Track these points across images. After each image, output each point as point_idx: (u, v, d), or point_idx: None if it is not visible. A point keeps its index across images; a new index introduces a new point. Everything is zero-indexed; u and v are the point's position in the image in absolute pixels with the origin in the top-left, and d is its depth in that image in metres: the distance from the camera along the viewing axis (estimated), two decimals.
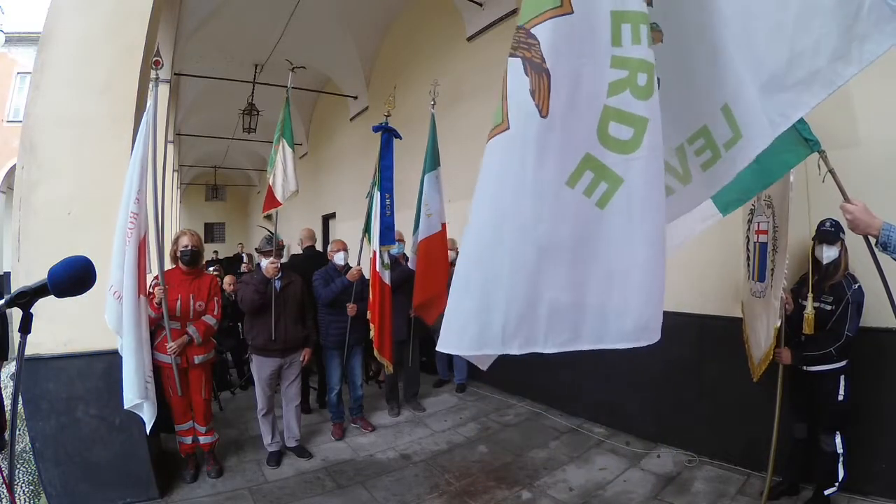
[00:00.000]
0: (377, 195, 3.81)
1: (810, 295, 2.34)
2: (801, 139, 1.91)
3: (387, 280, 3.77)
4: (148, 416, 2.54)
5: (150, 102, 2.69)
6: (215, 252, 14.20)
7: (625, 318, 1.35)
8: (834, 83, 1.22)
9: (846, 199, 1.61)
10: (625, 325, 1.36)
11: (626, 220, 1.34)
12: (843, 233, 2.36)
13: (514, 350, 1.33)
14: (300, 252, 4.87)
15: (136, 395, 2.44)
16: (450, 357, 4.83)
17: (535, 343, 1.34)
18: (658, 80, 1.49)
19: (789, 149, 1.93)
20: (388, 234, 3.82)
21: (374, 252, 3.76)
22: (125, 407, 2.48)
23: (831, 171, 1.74)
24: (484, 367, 1.79)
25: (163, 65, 2.78)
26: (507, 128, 1.32)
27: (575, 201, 1.34)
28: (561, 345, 1.37)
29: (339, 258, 3.82)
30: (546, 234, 1.32)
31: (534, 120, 1.30)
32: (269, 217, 3.73)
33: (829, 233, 2.37)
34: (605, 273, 1.36)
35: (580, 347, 1.39)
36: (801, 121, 1.90)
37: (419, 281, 4.04)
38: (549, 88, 1.30)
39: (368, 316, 3.73)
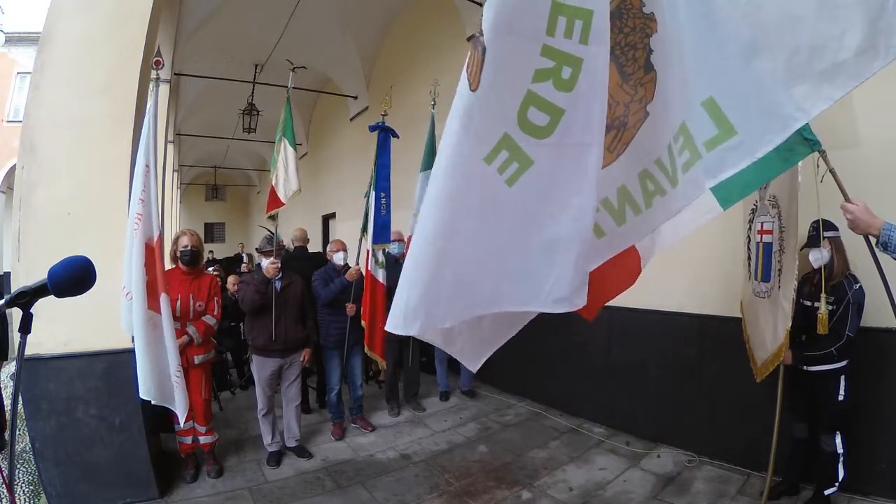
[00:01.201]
0: (373, 194, 3.83)
1: (823, 295, 2.33)
2: (801, 138, 1.90)
3: (379, 278, 3.78)
4: (181, 411, 2.57)
5: (150, 103, 2.69)
6: (211, 252, 14.17)
7: (520, 285, 1.45)
8: (862, 75, 1.18)
9: (847, 199, 1.61)
10: (520, 292, 1.46)
11: (533, 198, 1.43)
12: (836, 230, 2.36)
13: (415, 332, 1.38)
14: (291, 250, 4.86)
15: (146, 394, 2.47)
16: (455, 365, 4.72)
17: (436, 320, 1.41)
18: (655, 71, 1.48)
19: (789, 147, 1.92)
20: (383, 233, 3.83)
21: (368, 251, 3.78)
22: (154, 402, 2.53)
23: (831, 171, 1.73)
24: (473, 368, 1.89)
25: (164, 65, 2.77)
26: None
27: (489, 177, 1.39)
28: (458, 315, 1.45)
29: (338, 258, 3.82)
30: (458, 208, 1.37)
31: (465, 93, 1.35)
32: (272, 217, 3.73)
33: (810, 237, 2.37)
34: (505, 245, 1.44)
35: (477, 313, 1.50)
36: None
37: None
38: (483, 63, 1.33)
39: (360, 313, 3.74)
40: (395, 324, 1.40)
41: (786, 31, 1.26)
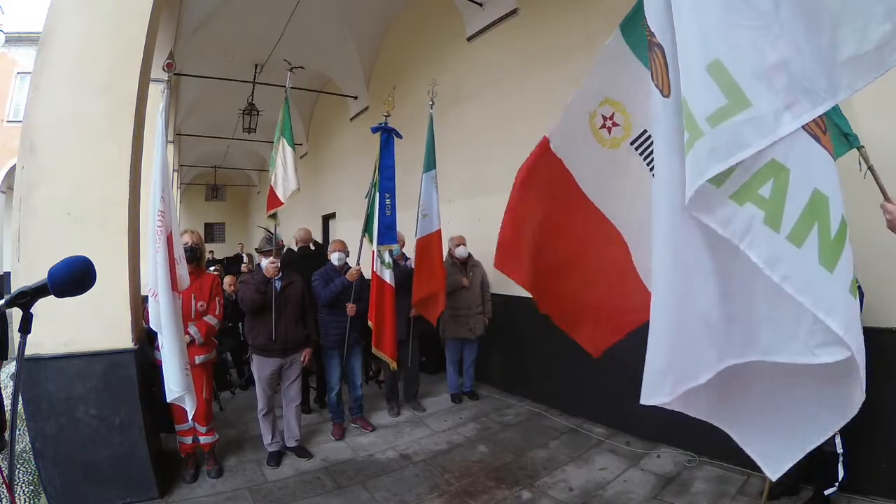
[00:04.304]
0: (377, 195, 3.83)
1: None
2: (840, 135, 1.85)
3: (387, 279, 3.78)
4: (189, 406, 2.65)
5: (162, 104, 2.75)
6: (211, 252, 14.18)
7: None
8: (882, 67, 1.12)
9: (886, 198, 1.55)
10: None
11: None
12: None
13: (667, 394, 1.26)
14: (294, 250, 4.86)
15: (181, 387, 2.55)
16: (459, 366, 4.71)
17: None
18: None
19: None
20: (388, 234, 3.83)
21: (374, 252, 3.78)
22: (168, 400, 2.59)
23: (871, 168, 1.68)
24: (772, 474, 1.43)
25: (175, 67, 2.78)
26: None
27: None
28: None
29: (335, 258, 3.82)
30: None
31: (658, 103, 1.22)
32: (272, 217, 3.73)
33: None
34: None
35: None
36: (840, 115, 1.83)
37: (416, 279, 4.08)
38: (666, 63, 1.21)
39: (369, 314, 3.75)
40: (648, 393, 1.28)
41: (811, 16, 1.17)
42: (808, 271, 1.13)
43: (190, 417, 2.76)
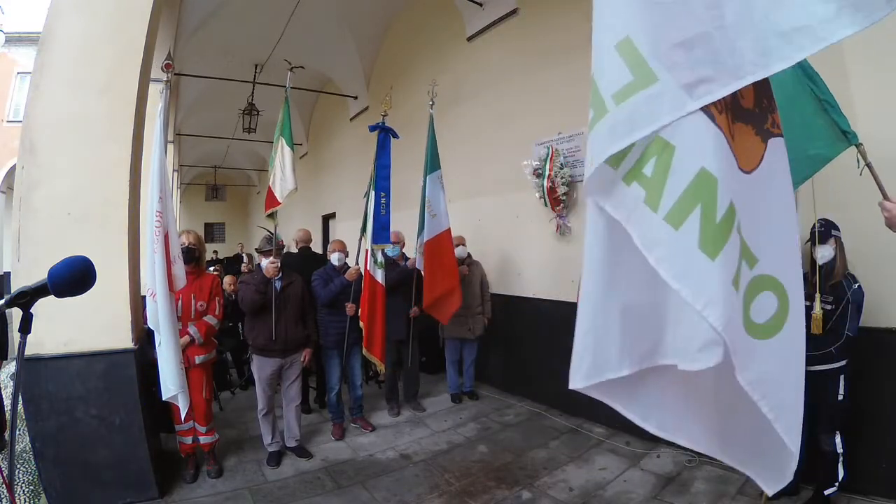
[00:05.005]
0: (372, 194, 3.83)
1: (818, 295, 2.33)
2: (838, 132, 1.82)
3: (378, 279, 3.77)
4: (183, 404, 2.70)
5: (160, 105, 2.76)
6: (215, 252, 14.22)
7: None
8: (825, 40, 1.07)
9: (885, 197, 1.55)
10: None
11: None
12: (838, 230, 2.36)
13: (580, 382, 1.22)
14: (295, 251, 4.86)
15: (177, 386, 2.60)
16: (459, 366, 4.71)
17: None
18: None
19: (826, 143, 1.85)
20: (382, 234, 3.83)
21: (367, 251, 3.78)
22: (164, 398, 2.65)
23: (868, 165, 1.67)
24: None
25: (174, 67, 2.79)
26: None
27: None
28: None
29: (334, 258, 3.82)
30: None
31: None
32: (271, 217, 3.73)
33: (819, 234, 2.37)
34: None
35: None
36: (840, 113, 1.83)
37: (427, 279, 4.06)
38: None
39: (358, 314, 3.75)
40: (571, 380, 1.25)
41: None
42: (684, 254, 1.06)
43: (183, 416, 2.77)
